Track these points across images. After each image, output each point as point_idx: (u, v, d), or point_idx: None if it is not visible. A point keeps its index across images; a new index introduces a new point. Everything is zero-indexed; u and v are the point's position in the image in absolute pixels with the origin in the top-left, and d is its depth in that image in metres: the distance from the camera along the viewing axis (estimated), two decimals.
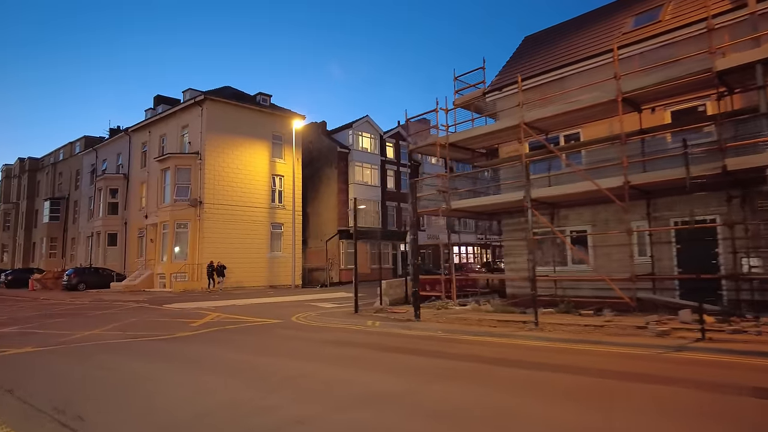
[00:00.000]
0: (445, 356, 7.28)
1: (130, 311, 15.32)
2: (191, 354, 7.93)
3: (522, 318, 10.68)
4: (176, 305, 17.17)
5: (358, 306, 13.27)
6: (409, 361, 7.06)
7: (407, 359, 7.18)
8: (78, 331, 10.50)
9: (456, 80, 16.71)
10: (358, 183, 37.91)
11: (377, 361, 7.15)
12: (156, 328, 11.31)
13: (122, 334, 10.27)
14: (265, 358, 7.50)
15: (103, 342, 9.13)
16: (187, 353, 8.01)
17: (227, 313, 14.30)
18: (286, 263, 31.77)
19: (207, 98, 29.01)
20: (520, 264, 14.89)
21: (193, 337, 9.71)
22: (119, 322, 12.23)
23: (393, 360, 7.16)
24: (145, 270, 30.82)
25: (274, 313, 14.23)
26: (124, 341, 9.26)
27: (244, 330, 10.74)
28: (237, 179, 30.15)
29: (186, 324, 11.84)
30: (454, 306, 13.20)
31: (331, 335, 9.72)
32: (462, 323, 10.36)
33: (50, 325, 11.79)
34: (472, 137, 14.43)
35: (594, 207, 13.41)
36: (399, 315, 12.17)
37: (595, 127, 13.46)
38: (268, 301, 18.91)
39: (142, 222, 33.06)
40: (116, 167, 37.32)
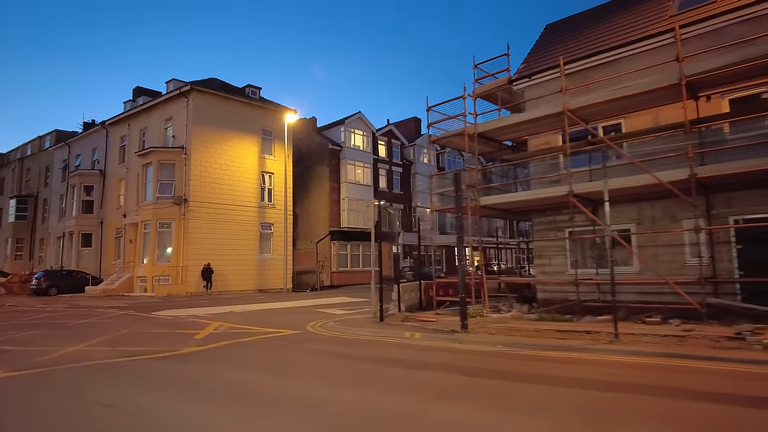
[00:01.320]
0: (545, 381, 5.89)
1: (116, 320, 13.45)
2: (210, 380, 6.34)
3: (582, 327, 9.42)
4: (166, 312, 15.34)
5: (383, 314, 11.78)
6: (509, 389, 5.65)
7: (505, 387, 5.77)
8: (58, 347, 8.72)
9: (476, 68, 15.48)
10: (351, 182, 36.38)
11: (469, 390, 5.69)
12: (153, 341, 9.60)
13: (113, 350, 8.55)
14: (319, 388, 5.91)
15: (93, 363, 7.42)
16: (205, 379, 6.41)
17: (229, 321, 12.61)
18: (276, 266, 29.98)
19: (193, 89, 27.06)
20: (554, 266, 13.71)
21: (203, 355, 8.09)
22: (107, 334, 10.44)
23: (488, 389, 5.73)
24: (123, 273, 28.56)
25: (283, 322, 12.62)
26: (119, 361, 7.56)
27: (263, 344, 9.15)
28: (224, 176, 28.24)
29: (187, 336, 10.15)
30: (490, 313, 11.87)
31: (376, 351, 8.24)
32: (518, 334, 9.02)
33: (23, 340, 9.93)
34: (503, 127, 13.17)
35: (638, 204, 12.32)
36: (432, 324, 10.76)
37: (638, 118, 12.38)
38: (268, 308, 17.23)
39: (120, 221, 30.75)
40: (91, 163, 34.82)
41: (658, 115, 11.95)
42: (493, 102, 16.22)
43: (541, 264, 14.02)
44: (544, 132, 13.46)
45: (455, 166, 46.86)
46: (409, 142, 42.93)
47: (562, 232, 13.62)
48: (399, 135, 41.93)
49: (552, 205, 13.38)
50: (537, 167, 14.06)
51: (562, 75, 11.90)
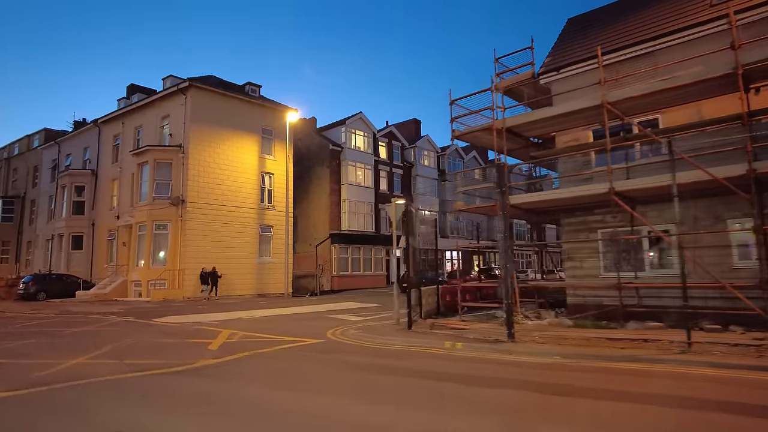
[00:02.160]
0: (633, 399, 5.08)
1: (116, 328, 12.42)
2: (236, 401, 5.43)
3: (634, 335, 8.65)
4: (169, 319, 14.31)
5: (411, 321, 10.90)
6: (603, 410, 4.82)
7: (595, 407, 4.94)
8: (58, 360, 7.72)
9: (497, 62, 14.74)
10: (352, 183, 35.53)
11: (557, 411, 4.85)
12: (162, 353, 8.64)
13: (120, 363, 7.58)
14: (377, 410, 5.05)
15: (99, 379, 6.46)
16: (231, 399, 5.49)
17: (240, 329, 11.65)
18: (276, 270, 28.96)
19: (192, 85, 26.04)
20: (586, 269, 12.94)
21: (223, 369, 7.15)
22: (109, 344, 9.43)
23: (579, 409, 4.90)
24: (116, 277, 27.34)
25: (298, 329, 11.69)
26: (129, 377, 6.61)
27: (286, 356, 8.23)
28: (223, 176, 27.22)
29: (199, 347, 9.20)
30: (525, 320, 11.05)
31: (419, 364, 7.37)
32: (569, 344, 8.22)
33: (16, 350, 8.90)
34: (534, 122, 12.41)
35: (679, 203, 11.59)
36: (465, 332, 9.93)
37: (677, 113, 11.70)
38: (276, 314, 16.25)
39: (113, 223, 29.54)
40: (83, 162, 33.55)
41: (701, 109, 11.29)
42: (513, 97, 15.52)
43: (572, 267, 13.24)
44: (577, 127, 12.73)
45: (455, 169, 46.26)
46: (409, 144, 42.20)
47: (594, 233, 12.88)
48: (399, 136, 41.18)
49: (583, 204, 12.64)
50: (567, 165, 13.32)
51: (600, 66, 11.18)
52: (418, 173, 41.59)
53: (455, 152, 46.66)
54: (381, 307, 17.81)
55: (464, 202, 13.30)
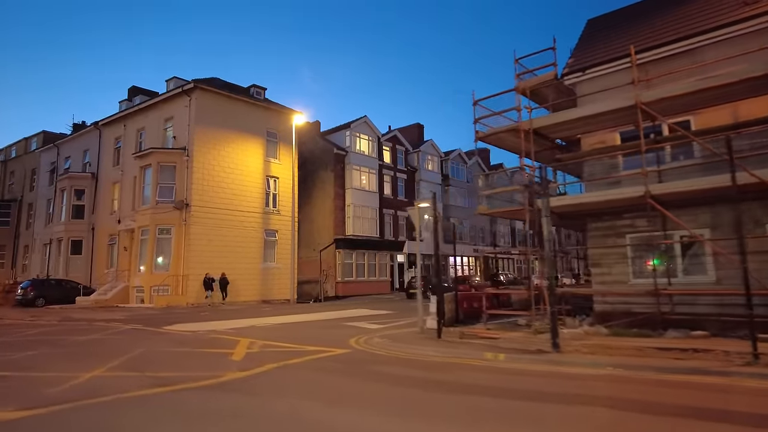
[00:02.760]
0: (737, 420, 4.60)
1: (125, 337, 11.83)
2: (282, 421, 4.91)
3: (683, 344, 8.18)
4: (179, 327, 13.73)
5: (441, 329, 10.38)
6: None
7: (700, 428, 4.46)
8: (71, 373, 7.16)
9: (517, 63, 14.39)
10: (356, 188, 35.07)
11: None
12: (183, 364, 8.10)
13: (141, 377, 7.02)
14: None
15: (122, 395, 5.90)
16: (277, 419, 4.97)
17: (258, 338, 11.09)
18: (281, 275, 28.40)
19: (197, 87, 25.56)
20: (614, 275, 12.48)
21: (254, 383, 6.63)
22: (122, 355, 8.86)
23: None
24: (117, 282, 26.70)
25: (318, 338, 11.15)
26: (154, 393, 6.05)
27: (317, 368, 7.70)
28: (228, 179, 26.69)
29: (221, 358, 8.65)
30: (561, 329, 10.53)
31: (465, 377, 6.86)
32: (618, 354, 7.74)
33: (23, 362, 8.31)
34: (562, 123, 11.99)
35: (714, 207, 11.20)
36: (498, 341, 9.44)
37: (710, 114, 11.33)
38: (288, 321, 15.68)
39: (113, 227, 28.90)
40: (82, 165, 32.92)
41: (736, 109, 10.92)
42: (533, 99, 15.13)
43: (600, 273, 12.78)
44: (604, 129, 12.33)
45: (459, 174, 45.98)
46: (413, 149, 41.82)
47: (623, 238, 12.44)
48: (403, 140, 40.80)
49: (612, 209, 12.22)
50: (594, 167, 12.92)
51: (633, 65, 10.81)
52: (422, 178, 41.20)
53: (458, 157, 46.34)
54: (395, 315, 17.28)
55: (487, 206, 12.82)
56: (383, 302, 25.47)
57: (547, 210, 8.58)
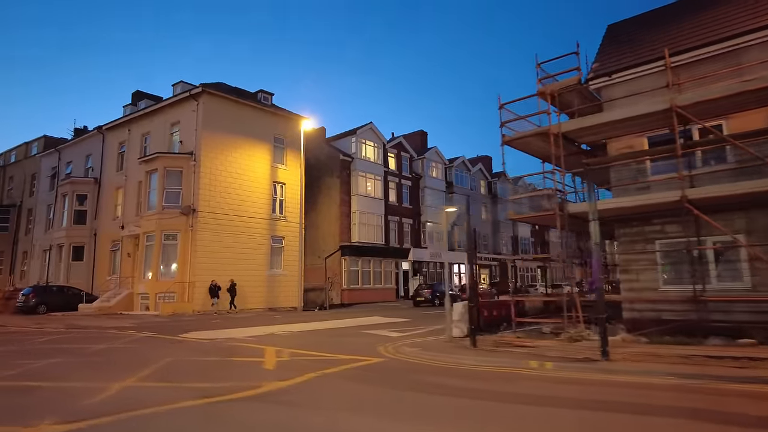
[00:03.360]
0: None
1: (142, 345, 11.42)
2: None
3: (733, 351, 7.90)
4: (195, 335, 13.32)
5: (476, 338, 10.05)
6: None
7: None
8: (101, 382, 6.79)
9: (539, 68, 14.24)
10: (362, 194, 34.79)
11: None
12: (215, 374, 7.74)
13: (176, 387, 6.67)
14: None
15: (165, 408, 5.54)
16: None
17: (283, 346, 10.72)
18: (287, 282, 28.01)
19: (205, 91, 25.28)
20: (642, 282, 12.25)
21: (298, 393, 6.29)
22: (148, 364, 8.48)
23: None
24: (121, 289, 26.17)
25: (344, 346, 10.79)
26: (197, 405, 5.69)
27: (356, 376, 7.36)
28: (235, 185, 26.34)
29: (252, 366, 8.30)
30: (590, 336, 10.25)
31: (521, 388, 6.55)
32: (668, 362, 7.47)
33: (48, 372, 7.91)
34: (589, 127, 11.79)
35: (748, 212, 11.01)
36: (534, 349, 9.13)
37: (743, 118, 11.18)
38: (305, 329, 15.28)
39: (116, 233, 28.43)
40: (85, 170, 32.46)
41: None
42: (554, 103, 14.98)
43: (627, 280, 12.54)
44: (631, 134, 12.16)
45: (463, 182, 45.84)
46: (417, 156, 41.66)
47: (652, 243, 12.22)
48: (408, 147, 40.64)
49: (641, 214, 12.02)
50: (621, 172, 12.73)
51: (668, 68, 10.67)
52: (426, 185, 41.01)
53: (462, 164, 46.23)
54: (411, 323, 16.92)
55: (514, 211, 12.57)
56: (392, 310, 25.10)
57: (595, 214, 8.33)
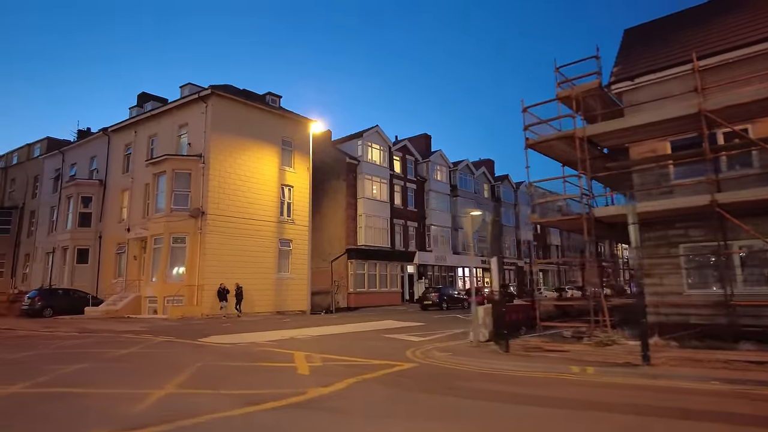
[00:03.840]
0: None
1: (163, 349, 11.27)
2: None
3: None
4: (216, 339, 13.17)
5: (508, 342, 9.94)
6: None
7: None
8: (138, 389, 6.65)
9: (557, 72, 14.26)
10: (368, 198, 34.70)
11: None
12: (251, 380, 7.61)
13: (219, 394, 6.53)
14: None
15: (219, 416, 5.41)
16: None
17: (310, 350, 10.58)
18: (295, 286, 27.87)
19: (214, 93, 25.18)
20: (666, 286, 12.20)
21: (344, 398, 6.18)
22: (181, 370, 8.32)
23: None
24: (127, 292, 25.95)
25: (372, 351, 10.65)
26: (246, 413, 5.54)
27: (396, 382, 7.25)
28: (243, 188, 26.20)
29: (286, 372, 8.18)
30: (622, 341, 10.19)
31: (570, 393, 6.46)
32: (708, 366, 7.40)
33: (78, 377, 7.76)
34: (614, 131, 11.78)
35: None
36: (568, 353, 9.05)
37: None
38: (324, 333, 15.10)
39: (122, 236, 28.21)
40: (89, 172, 32.25)
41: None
42: (571, 107, 14.97)
43: (651, 284, 12.47)
44: (656, 138, 12.14)
45: (467, 185, 45.83)
46: (422, 159, 41.64)
47: (675, 248, 12.19)
48: (413, 150, 40.63)
49: (664, 218, 11.99)
50: (644, 177, 12.70)
51: (696, 72, 10.69)
52: (431, 188, 40.97)
53: (466, 167, 46.25)
54: (426, 326, 16.82)
55: (537, 215, 12.51)
56: (402, 314, 24.97)
57: (635, 217, 8.27)
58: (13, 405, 5.94)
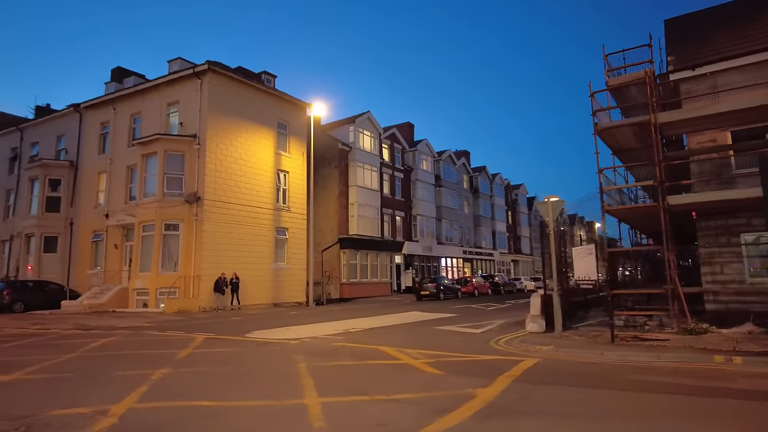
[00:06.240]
0: None
1: (226, 348, 10.07)
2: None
3: None
4: (261, 335, 12.03)
5: (614, 333, 9.55)
6: None
7: None
8: (275, 399, 5.70)
9: (606, 58, 14.06)
10: (360, 186, 33.72)
11: None
12: (384, 381, 6.77)
13: (381, 401, 5.68)
14: None
15: (442, 427, 4.61)
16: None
17: (386, 344, 9.76)
18: (292, 276, 26.70)
19: (211, 69, 23.29)
20: (727, 274, 12.33)
21: (530, 400, 5.53)
22: (294, 375, 7.31)
23: None
24: (110, 284, 23.75)
25: (453, 345, 9.98)
26: (452, 427, 4.76)
27: (550, 380, 6.65)
28: (240, 172, 24.57)
29: (407, 370, 7.39)
30: (711, 330, 10.09)
31: (752, 384, 6.12)
32: None
33: (179, 385, 6.60)
34: (690, 119, 11.67)
35: None
36: (665, 342, 8.81)
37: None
38: (367, 326, 14.11)
39: (99, 223, 25.80)
40: (56, 152, 29.17)
41: None
42: (616, 96, 14.85)
43: (711, 272, 12.59)
44: (725, 127, 12.17)
45: (450, 175, 45.78)
46: (409, 147, 41.04)
47: (736, 236, 12.34)
48: (401, 139, 39.94)
49: (726, 208, 12.08)
50: (703, 166, 12.74)
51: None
52: (418, 177, 40.49)
53: (449, 158, 46.17)
54: (458, 318, 16.31)
55: (607, 203, 12.22)
56: (408, 305, 24.28)
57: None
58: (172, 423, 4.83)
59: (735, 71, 12.39)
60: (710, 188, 12.45)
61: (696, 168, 12.92)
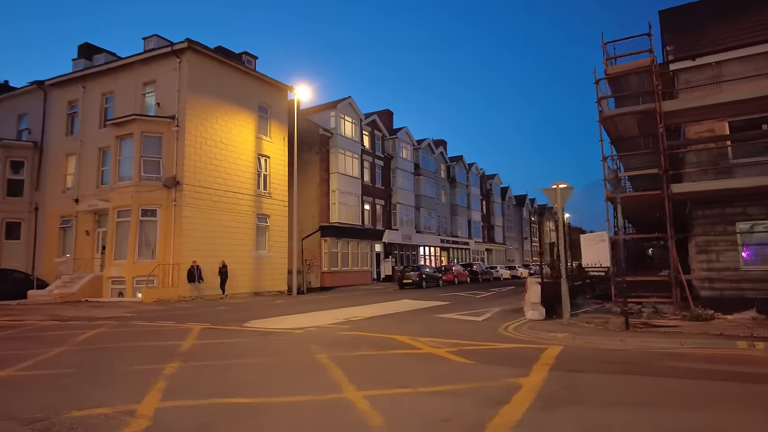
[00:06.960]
0: None
1: (233, 338, 9.54)
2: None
3: None
4: (258, 324, 11.53)
5: (628, 320, 9.54)
6: None
7: None
8: (315, 394, 5.33)
9: (605, 47, 14.09)
10: (342, 173, 33.14)
11: None
12: (415, 371, 6.47)
13: (425, 393, 5.38)
14: None
15: (502, 421, 4.35)
16: None
17: (396, 333, 9.47)
18: (274, 265, 26.04)
19: (191, 47, 22.12)
20: (723, 262, 12.62)
21: (579, 389, 5.35)
22: (320, 366, 6.92)
23: None
24: (81, 273, 22.50)
25: (461, 332, 9.79)
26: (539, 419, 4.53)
27: (582, 368, 6.52)
28: (220, 156, 23.61)
29: (434, 359, 7.12)
30: (717, 316, 10.27)
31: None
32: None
33: (216, 381, 6.12)
34: (694, 108, 11.77)
35: None
36: (678, 328, 8.89)
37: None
38: (366, 314, 13.81)
39: (69, 208, 24.35)
40: (17, 132, 27.25)
41: None
42: (612, 85, 14.90)
43: (707, 260, 12.86)
44: (727, 117, 12.35)
45: (429, 164, 45.65)
46: (388, 135, 40.59)
47: (732, 225, 12.62)
48: (381, 126, 39.43)
49: (722, 197, 12.32)
50: (701, 155, 12.93)
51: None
52: (398, 166, 40.17)
53: (428, 146, 46.00)
54: (452, 306, 16.20)
55: (610, 190, 12.27)
56: (391, 293, 24.08)
57: None
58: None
59: (737, 62, 12.57)
60: (708, 177, 12.68)
61: (693, 158, 13.12)
